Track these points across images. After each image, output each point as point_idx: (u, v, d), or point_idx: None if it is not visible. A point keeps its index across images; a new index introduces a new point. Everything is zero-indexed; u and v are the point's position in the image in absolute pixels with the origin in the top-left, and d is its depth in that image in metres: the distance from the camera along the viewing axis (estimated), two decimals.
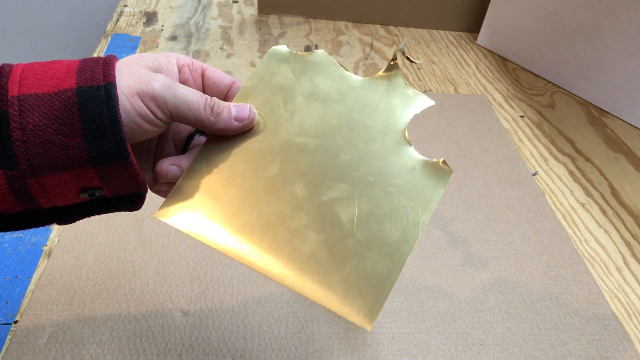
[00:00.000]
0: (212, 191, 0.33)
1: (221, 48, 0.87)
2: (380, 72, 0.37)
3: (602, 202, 0.62)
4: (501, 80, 0.85)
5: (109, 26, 0.91)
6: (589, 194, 0.63)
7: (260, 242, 0.31)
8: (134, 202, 0.33)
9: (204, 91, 0.35)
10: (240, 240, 0.31)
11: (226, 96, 0.35)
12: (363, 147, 0.34)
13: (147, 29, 0.91)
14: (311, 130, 0.34)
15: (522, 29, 0.86)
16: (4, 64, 0.28)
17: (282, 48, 0.37)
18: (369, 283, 0.30)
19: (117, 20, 0.93)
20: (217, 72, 0.35)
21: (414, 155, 0.34)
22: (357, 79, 0.37)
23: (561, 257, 0.54)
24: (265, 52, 0.86)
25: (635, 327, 0.49)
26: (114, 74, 0.28)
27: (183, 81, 0.34)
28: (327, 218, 0.32)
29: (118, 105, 0.27)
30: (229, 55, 0.85)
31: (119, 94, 0.28)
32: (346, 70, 0.37)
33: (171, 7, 0.99)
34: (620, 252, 0.56)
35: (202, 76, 0.35)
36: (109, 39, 0.87)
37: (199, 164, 0.33)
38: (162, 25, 0.92)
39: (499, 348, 0.45)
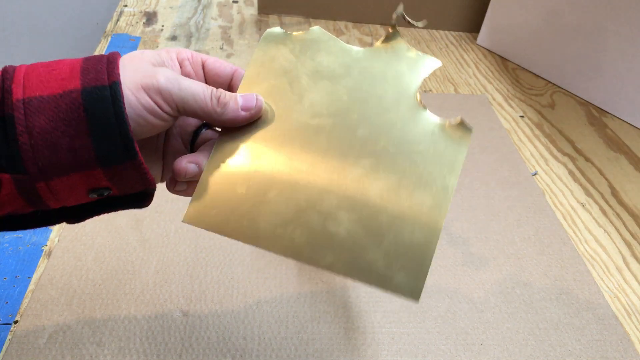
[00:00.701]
0: (236, 187, 0.32)
1: (221, 48, 0.87)
2: (381, 40, 0.37)
3: (602, 202, 0.62)
4: (501, 80, 0.85)
5: (109, 26, 0.91)
6: (589, 194, 0.63)
7: (296, 231, 0.31)
8: (142, 199, 0.33)
9: (206, 83, 0.35)
10: (277, 234, 0.31)
11: (229, 86, 0.35)
12: (378, 118, 0.34)
13: (147, 29, 0.91)
14: (323, 109, 0.34)
15: (522, 29, 0.86)
16: (7, 66, 0.28)
17: (277, 29, 0.37)
18: (410, 254, 0.30)
19: (117, 20, 0.93)
20: (217, 62, 0.34)
21: (431, 119, 0.34)
22: (358, 50, 0.36)
23: (561, 257, 0.54)
24: None
25: (635, 327, 0.49)
26: (118, 72, 0.28)
27: (185, 74, 0.33)
28: (356, 196, 0.32)
29: (124, 104, 0.27)
30: (229, 55, 0.85)
31: (124, 89, 0.28)
32: (344, 43, 0.36)
33: (171, 7, 0.99)
34: (620, 252, 0.56)
35: (203, 68, 0.34)
36: (109, 39, 0.87)
37: (217, 160, 0.33)
38: (162, 25, 0.92)
39: (499, 348, 0.45)
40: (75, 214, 0.32)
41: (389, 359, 0.44)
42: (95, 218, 0.54)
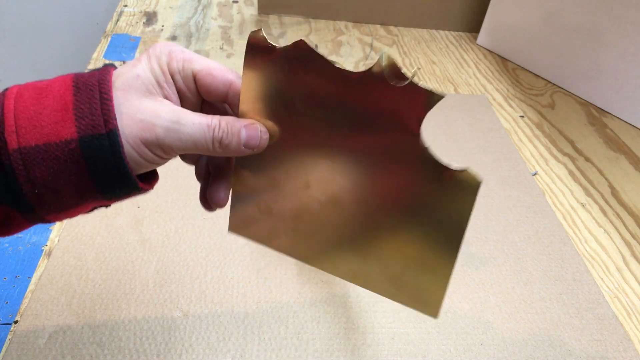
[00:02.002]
0: (264, 203, 0.34)
1: (221, 48, 0.87)
2: (374, 64, 0.32)
3: (602, 202, 0.62)
4: (501, 80, 0.85)
5: (109, 26, 0.91)
6: (589, 194, 0.63)
7: (327, 246, 0.33)
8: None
9: (201, 97, 0.32)
10: (315, 250, 0.33)
11: (225, 99, 0.32)
12: (380, 156, 0.32)
13: (147, 29, 0.91)
14: (325, 141, 0.32)
15: (522, 29, 0.86)
16: None
17: (259, 35, 0.32)
18: (429, 271, 0.33)
19: (117, 20, 0.93)
20: (209, 77, 0.31)
21: (434, 163, 0.32)
22: (350, 73, 0.32)
23: (561, 257, 0.54)
24: None
25: (635, 327, 0.48)
26: (114, 116, 0.27)
27: (179, 90, 0.31)
28: (375, 210, 0.33)
29: (124, 154, 0.27)
30: (229, 55, 0.85)
31: (124, 142, 0.27)
32: (335, 63, 0.32)
33: (171, 7, 0.99)
34: (620, 252, 0.56)
35: (195, 83, 0.31)
36: (109, 39, 0.87)
37: (240, 184, 0.34)
38: (162, 25, 0.92)
39: (499, 348, 0.45)
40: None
41: (389, 359, 0.44)
42: (95, 218, 0.54)
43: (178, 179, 0.59)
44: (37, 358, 0.41)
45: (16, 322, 0.44)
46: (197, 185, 0.37)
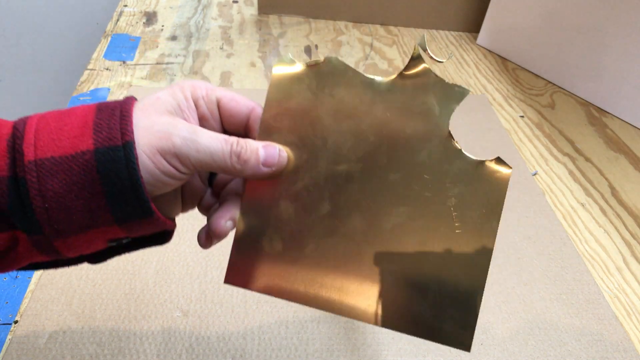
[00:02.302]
0: (272, 242, 0.31)
1: (221, 48, 0.87)
2: (404, 70, 0.33)
3: (602, 202, 0.62)
4: (501, 80, 0.85)
5: (109, 26, 0.91)
6: (589, 194, 0.63)
7: (341, 288, 0.30)
8: (163, 238, 0.32)
9: (222, 124, 0.32)
10: (323, 291, 0.31)
11: (246, 127, 0.32)
12: (410, 160, 0.31)
13: (147, 29, 0.91)
14: (350, 153, 0.31)
15: (522, 29, 0.86)
16: (17, 122, 0.27)
17: (286, 59, 0.33)
18: (456, 304, 0.30)
19: (117, 20, 0.93)
20: (233, 101, 0.32)
21: (466, 158, 0.32)
22: (380, 81, 0.32)
23: (561, 257, 0.54)
24: (265, 52, 0.86)
25: (635, 327, 0.49)
26: (132, 130, 0.27)
27: (201, 116, 0.31)
28: (394, 247, 0.30)
29: (138, 166, 0.26)
30: (229, 55, 0.85)
31: (139, 152, 0.27)
32: (364, 74, 0.33)
33: (171, 7, 0.99)
34: (620, 252, 0.56)
35: (219, 107, 0.32)
36: (109, 39, 0.87)
37: (248, 215, 0.31)
38: (162, 25, 0.92)
39: (499, 348, 0.45)
40: (96, 256, 0.32)
41: (389, 359, 0.44)
42: None
43: None
44: (37, 358, 0.41)
45: (16, 322, 0.44)
46: None
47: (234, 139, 0.29)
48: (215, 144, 0.29)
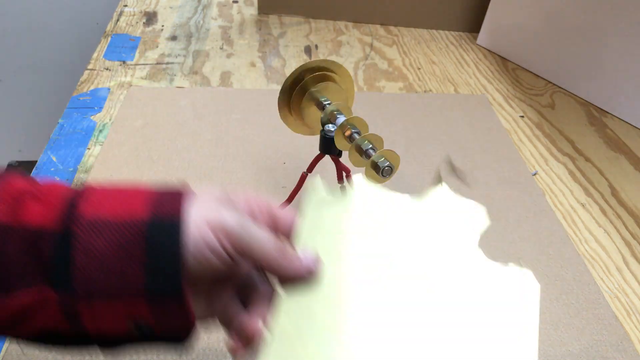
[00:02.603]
0: (307, 347, 0.30)
1: (221, 48, 0.87)
2: (428, 188, 0.35)
3: (602, 202, 0.62)
4: (501, 80, 0.85)
5: (109, 26, 0.91)
6: (589, 194, 0.63)
7: None
8: (182, 339, 0.31)
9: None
10: None
11: (289, 238, 0.33)
12: (441, 279, 0.32)
13: (147, 29, 0.91)
14: (382, 272, 0.32)
15: (522, 29, 0.86)
16: (78, 185, 0.28)
17: (319, 189, 0.34)
18: None
19: (117, 20, 0.93)
20: (282, 212, 0.33)
21: (495, 273, 0.32)
22: (405, 198, 0.34)
23: (561, 257, 0.54)
24: (265, 52, 0.86)
25: (635, 327, 0.49)
26: (186, 207, 0.28)
27: (252, 218, 0.32)
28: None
29: (185, 242, 0.27)
30: (229, 55, 0.85)
31: (190, 221, 0.27)
32: (390, 191, 0.34)
33: (171, 7, 0.99)
34: (620, 252, 0.56)
35: (269, 214, 0.32)
36: (109, 39, 0.87)
37: (283, 321, 0.30)
38: (162, 25, 0.92)
39: None
40: (111, 343, 0.30)
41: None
42: None
43: (178, 179, 0.59)
44: (38, 358, 0.41)
45: None
46: (197, 185, 0.36)
47: (280, 239, 0.30)
48: (264, 234, 0.29)
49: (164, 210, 0.27)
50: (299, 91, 0.48)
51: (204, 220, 0.28)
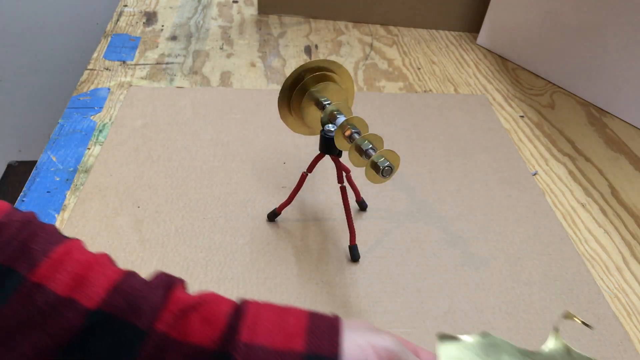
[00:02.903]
0: None
1: (221, 48, 0.87)
2: (549, 342, 0.35)
3: (602, 202, 0.62)
4: (501, 80, 0.85)
5: (109, 26, 0.91)
6: (589, 194, 0.63)
7: None
8: None
9: None
10: None
11: None
12: None
13: (147, 29, 0.91)
14: None
15: (522, 29, 0.86)
16: (241, 302, 0.29)
17: (449, 343, 0.34)
18: None
19: (117, 20, 0.93)
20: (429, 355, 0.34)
21: None
22: (534, 353, 0.35)
23: (561, 257, 0.54)
24: (265, 52, 0.86)
25: (635, 327, 0.49)
26: (341, 343, 0.28)
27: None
28: None
29: None
30: (228, 55, 0.85)
31: (350, 347, 0.28)
32: (519, 347, 0.35)
33: (171, 7, 0.99)
34: (620, 252, 0.56)
35: (413, 350, 0.33)
36: (109, 39, 0.87)
37: None
38: (162, 25, 0.92)
39: None
40: None
41: None
42: (96, 217, 0.54)
43: (178, 179, 0.59)
44: None
45: None
46: (197, 185, 0.36)
47: None
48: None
49: (321, 343, 0.28)
50: (299, 91, 0.48)
51: (368, 344, 0.28)
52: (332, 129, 0.46)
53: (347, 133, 0.45)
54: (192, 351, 0.27)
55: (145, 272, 0.48)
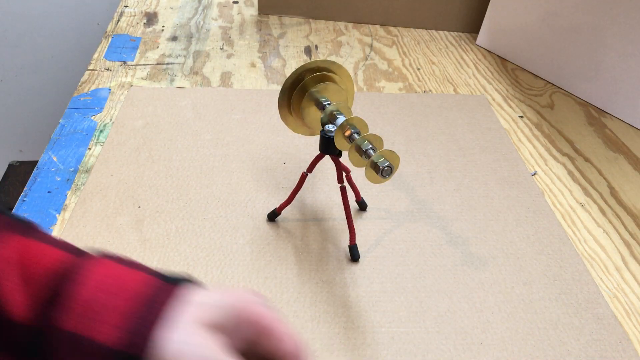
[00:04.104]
0: None
1: (221, 48, 0.87)
2: None
3: (601, 202, 0.62)
4: (500, 80, 0.85)
5: (110, 27, 0.92)
6: (588, 194, 0.64)
7: None
8: None
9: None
10: None
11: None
12: None
13: (148, 30, 0.91)
14: None
15: (521, 29, 0.86)
16: (80, 262, 0.28)
17: None
18: None
19: (118, 20, 0.94)
20: (275, 341, 0.30)
21: None
22: None
23: (560, 257, 0.55)
24: (265, 53, 0.87)
25: (635, 327, 0.49)
26: (153, 344, 0.26)
27: (242, 339, 0.30)
28: None
29: None
30: (229, 56, 0.85)
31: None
32: None
33: (171, 8, 0.99)
34: (620, 252, 0.56)
35: (260, 336, 0.30)
36: (110, 39, 0.87)
37: None
38: (163, 26, 0.93)
39: (498, 348, 0.46)
40: None
41: (388, 359, 0.44)
42: (96, 217, 0.54)
43: (179, 179, 0.59)
44: None
45: None
46: (197, 185, 0.37)
47: None
48: None
49: (132, 340, 0.26)
50: (299, 91, 0.49)
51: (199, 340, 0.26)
52: (332, 129, 0.46)
53: (347, 133, 0.45)
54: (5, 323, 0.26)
55: None
